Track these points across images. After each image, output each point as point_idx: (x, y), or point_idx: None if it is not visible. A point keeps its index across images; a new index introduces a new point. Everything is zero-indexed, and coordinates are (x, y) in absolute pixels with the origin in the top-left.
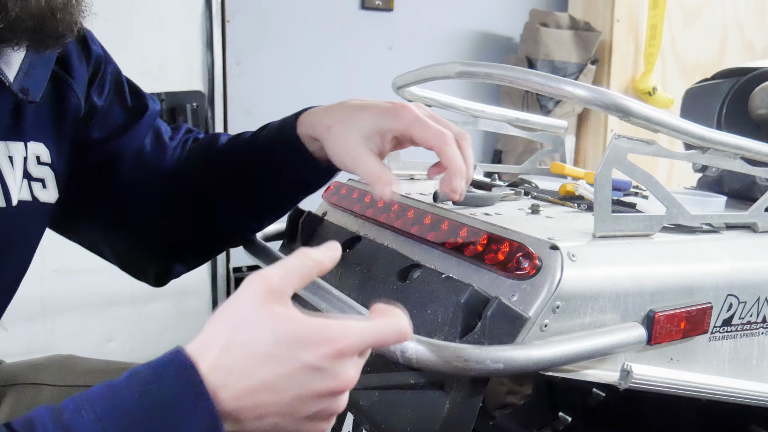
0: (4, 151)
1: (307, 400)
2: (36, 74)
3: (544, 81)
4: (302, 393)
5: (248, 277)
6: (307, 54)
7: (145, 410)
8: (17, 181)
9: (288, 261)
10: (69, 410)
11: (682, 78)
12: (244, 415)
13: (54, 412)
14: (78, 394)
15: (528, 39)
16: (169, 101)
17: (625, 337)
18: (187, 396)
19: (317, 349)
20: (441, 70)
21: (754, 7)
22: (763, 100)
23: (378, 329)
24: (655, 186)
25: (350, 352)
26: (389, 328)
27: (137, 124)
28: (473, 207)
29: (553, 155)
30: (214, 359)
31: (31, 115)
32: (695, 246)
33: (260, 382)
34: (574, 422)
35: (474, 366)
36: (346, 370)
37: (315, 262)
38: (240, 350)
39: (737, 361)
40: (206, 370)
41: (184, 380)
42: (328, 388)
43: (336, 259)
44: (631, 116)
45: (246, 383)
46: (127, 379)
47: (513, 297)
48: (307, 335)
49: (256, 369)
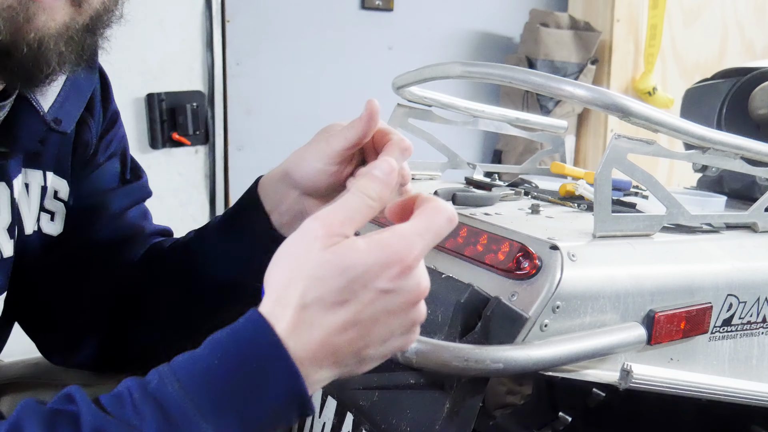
0: (23, 178)
1: (391, 322)
2: (70, 107)
3: (544, 81)
4: (385, 318)
5: (307, 221)
6: (307, 54)
7: (227, 375)
8: (32, 211)
9: (348, 201)
10: (154, 382)
11: (682, 78)
12: (341, 359)
13: (140, 385)
14: (161, 366)
15: (528, 39)
16: (169, 101)
17: (625, 337)
18: (266, 358)
19: (387, 272)
20: (441, 70)
21: (754, 7)
22: (763, 100)
23: (432, 225)
24: (655, 186)
25: (417, 263)
26: (440, 218)
27: (126, 187)
28: (473, 207)
29: (553, 155)
30: (292, 319)
31: (53, 146)
32: (695, 246)
33: (344, 322)
34: (574, 422)
35: (474, 366)
36: (418, 280)
37: (375, 199)
38: (317, 304)
39: (737, 361)
40: (287, 330)
41: (262, 343)
42: (407, 302)
43: (393, 180)
44: (631, 116)
45: (331, 330)
46: (206, 347)
47: (513, 297)
48: (374, 263)
49: (338, 313)
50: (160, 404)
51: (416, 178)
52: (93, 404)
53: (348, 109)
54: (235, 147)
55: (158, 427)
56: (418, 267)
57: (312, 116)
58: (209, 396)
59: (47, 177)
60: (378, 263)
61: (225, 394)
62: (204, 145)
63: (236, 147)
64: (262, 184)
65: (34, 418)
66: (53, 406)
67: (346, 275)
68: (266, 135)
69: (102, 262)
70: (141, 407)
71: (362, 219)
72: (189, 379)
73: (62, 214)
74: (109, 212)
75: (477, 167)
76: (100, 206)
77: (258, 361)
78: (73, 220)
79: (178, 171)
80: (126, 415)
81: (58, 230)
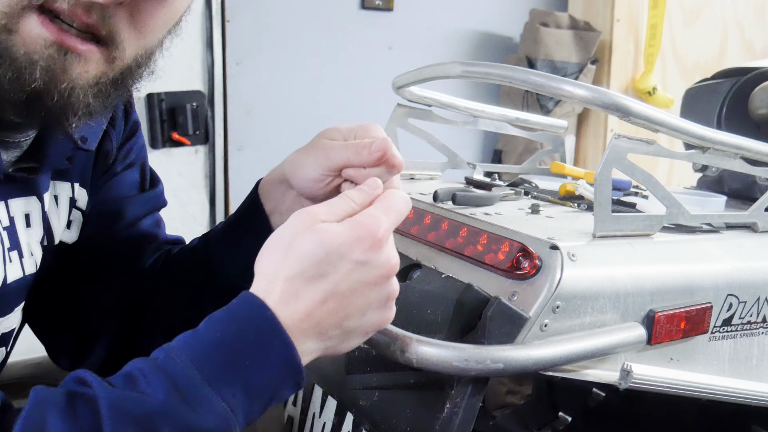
0: (52, 191)
1: (367, 293)
2: (96, 125)
3: (544, 81)
4: (361, 288)
5: (294, 214)
6: (307, 54)
7: (229, 346)
8: (61, 223)
9: (332, 201)
10: (161, 357)
11: (682, 78)
12: (324, 329)
13: (148, 362)
14: (164, 345)
15: (528, 39)
16: (169, 101)
17: (625, 337)
18: (262, 330)
19: (360, 245)
20: (441, 70)
21: (754, 7)
22: (763, 100)
23: (393, 205)
24: (655, 186)
25: (386, 237)
26: (398, 200)
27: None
28: (473, 207)
29: (553, 155)
30: (280, 292)
31: (80, 160)
32: (695, 246)
33: (325, 293)
34: (574, 422)
35: (474, 366)
36: (388, 254)
37: (357, 203)
38: (299, 277)
39: (737, 361)
40: (276, 303)
41: (257, 318)
42: (380, 276)
43: (375, 196)
44: (631, 116)
45: (314, 300)
46: (205, 325)
47: (513, 297)
48: (348, 237)
49: (319, 284)
50: (170, 375)
51: (416, 178)
52: (106, 383)
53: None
54: (235, 147)
55: (168, 394)
56: (388, 244)
57: (312, 116)
58: (215, 366)
59: (74, 188)
60: (352, 237)
61: (228, 364)
62: (204, 145)
63: (236, 147)
64: (262, 186)
65: (52, 407)
66: (67, 389)
67: (323, 248)
68: (266, 135)
69: (115, 269)
70: (152, 379)
71: (342, 213)
72: (194, 353)
73: (79, 223)
74: (125, 220)
75: (477, 167)
76: (116, 213)
77: (255, 334)
78: (88, 227)
79: (178, 171)
80: (139, 388)
81: (74, 238)
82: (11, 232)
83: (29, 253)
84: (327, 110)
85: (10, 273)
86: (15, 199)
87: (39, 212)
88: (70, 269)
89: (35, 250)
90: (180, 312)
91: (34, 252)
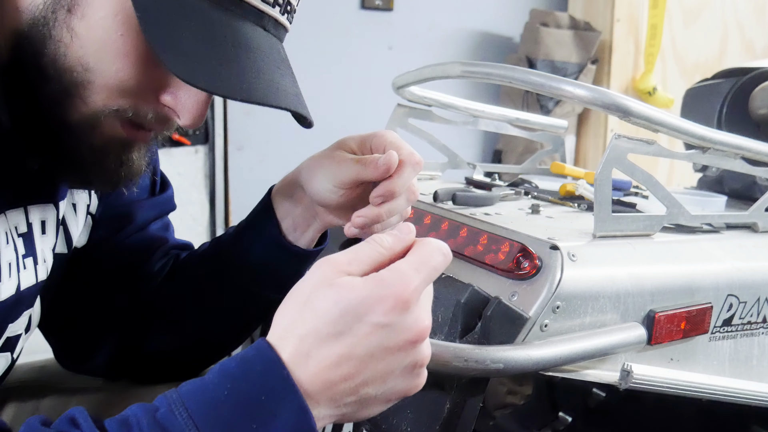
0: (69, 199)
1: (388, 359)
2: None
3: (544, 81)
4: (381, 353)
5: (317, 262)
6: (307, 54)
7: (236, 406)
8: (79, 229)
9: (359, 248)
10: (162, 410)
11: (682, 78)
12: (337, 395)
13: (147, 411)
14: (169, 392)
15: (528, 39)
16: None
17: (625, 337)
18: (276, 391)
19: (382, 305)
20: (441, 70)
21: (754, 7)
22: (763, 100)
23: (428, 260)
24: (655, 186)
25: (414, 297)
26: (436, 254)
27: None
28: (473, 207)
29: (553, 155)
30: (293, 348)
31: None
32: (695, 246)
33: (339, 356)
34: (574, 422)
35: (474, 366)
36: (417, 316)
37: (386, 249)
38: (312, 335)
39: (737, 361)
40: (288, 360)
41: (272, 375)
42: (405, 340)
43: (409, 242)
44: (631, 116)
45: (325, 362)
46: (216, 375)
47: (513, 297)
48: (368, 295)
49: (331, 346)
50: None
51: (416, 178)
52: (98, 429)
53: (348, 108)
54: (235, 147)
55: None
56: (418, 304)
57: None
58: (217, 428)
59: (91, 195)
60: (373, 296)
61: (233, 426)
62: (204, 145)
63: (236, 147)
64: (275, 191)
65: None
66: (57, 429)
67: (339, 306)
68: (266, 135)
69: (123, 271)
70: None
71: (369, 261)
72: (198, 409)
73: (89, 227)
74: (135, 223)
75: (477, 167)
76: (125, 217)
77: (267, 395)
78: (98, 230)
79: (178, 171)
80: None
81: (83, 242)
82: (28, 239)
83: (42, 260)
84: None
85: (24, 280)
86: (34, 206)
87: (54, 220)
88: (79, 271)
89: (48, 257)
90: (187, 316)
91: (47, 259)
